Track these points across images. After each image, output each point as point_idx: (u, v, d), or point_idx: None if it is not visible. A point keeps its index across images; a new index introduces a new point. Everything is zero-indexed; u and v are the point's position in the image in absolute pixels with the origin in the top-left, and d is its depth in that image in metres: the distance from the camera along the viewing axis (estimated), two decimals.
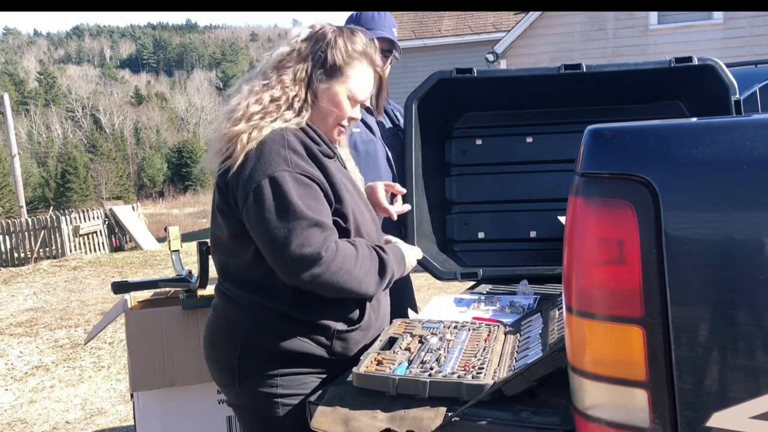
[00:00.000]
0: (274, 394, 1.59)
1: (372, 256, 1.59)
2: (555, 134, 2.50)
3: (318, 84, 1.62)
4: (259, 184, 1.48)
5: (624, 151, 1.10)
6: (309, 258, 1.45)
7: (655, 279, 1.04)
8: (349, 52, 1.63)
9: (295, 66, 1.61)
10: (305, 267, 1.45)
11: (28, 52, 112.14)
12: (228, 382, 1.66)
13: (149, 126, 70.39)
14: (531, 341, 1.57)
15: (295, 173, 1.50)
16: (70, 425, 4.11)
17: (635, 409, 1.07)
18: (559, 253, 1.21)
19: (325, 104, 1.63)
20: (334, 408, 1.40)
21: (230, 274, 1.64)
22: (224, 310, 1.66)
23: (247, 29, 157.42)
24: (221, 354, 1.66)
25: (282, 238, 1.46)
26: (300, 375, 1.60)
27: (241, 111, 1.56)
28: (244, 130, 1.52)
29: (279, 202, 1.47)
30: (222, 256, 1.66)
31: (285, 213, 1.46)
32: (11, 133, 18.26)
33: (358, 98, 1.68)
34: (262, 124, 1.54)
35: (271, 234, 1.47)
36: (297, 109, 1.59)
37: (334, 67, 1.62)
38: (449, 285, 6.31)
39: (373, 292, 1.60)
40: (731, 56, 8.16)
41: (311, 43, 1.63)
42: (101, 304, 7.64)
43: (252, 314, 1.60)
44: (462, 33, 15.93)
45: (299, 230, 1.45)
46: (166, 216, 34.96)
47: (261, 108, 1.55)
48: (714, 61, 2.19)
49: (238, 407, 1.69)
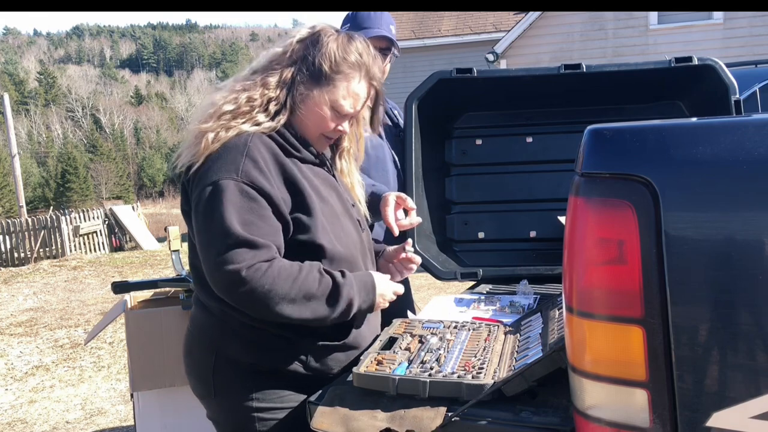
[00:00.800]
0: (250, 408, 1.51)
1: (323, 280, 1.45)
2: (555, 134, 2.51)
3: (299, 88, 1.53)
4: (204, 189, 1.42)
5: (624, 151, 1.09)
6: (229, 277, 1.36)
7: (655, 279, 1.04)
8: (338, 61, 1.53)
9: (283, 68, 1.53)
10: (226, 286, 1.38)
11: (28, 52, 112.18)
12: (203, 394, 1.60)
13: (149, 126, 70.43)
14: (531, 341, 1.57)
15: (242, 183, 1.41)
16: (70, 425, 4.11)
17: (635, 409, 1.07)
18: (559, 253, 1.21)
19: (305, 111, 1.55)
20: (334, 408, 1.39)
21: (200, 279, 1.54)
22: (197, 319, 1.61)
23: (247, 29, 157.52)
24: (196, 365, 1.60)
25: (208, 248, 1.39)
26: (276, 389, 1.52)
27: (214, 108, 1.50)
28: (211, 128, 1.46)
29: (213, 211, 1.40)
30: (193, 259, 1.57)
31: (216, 225, 1.38)
32: (11, 133, 18.26)
33: (344, 111, 1.57)
34: (231, 124, 1.47)
35: (202, 242, 1.41)
36: (272, 113, 1.52)
37: (319, 73, 1.53)
38: (449, 285, 6.31)
39: (324, 318, 1.46)
40: (731, 56, 8.17)
41: (304, 46, 1.55)
42: (101, 304, 7.64)
43: (221, 323, 1.53)
44: (462, 33, 15.93)
45: (225, 247, 1.37)
46: (166, 216, 34.92)
47: (234, 107, 1.49)
48: (714, 61, 2.19)
49: (215, 421, 1.62)
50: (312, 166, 1.59)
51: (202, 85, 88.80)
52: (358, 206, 1.72)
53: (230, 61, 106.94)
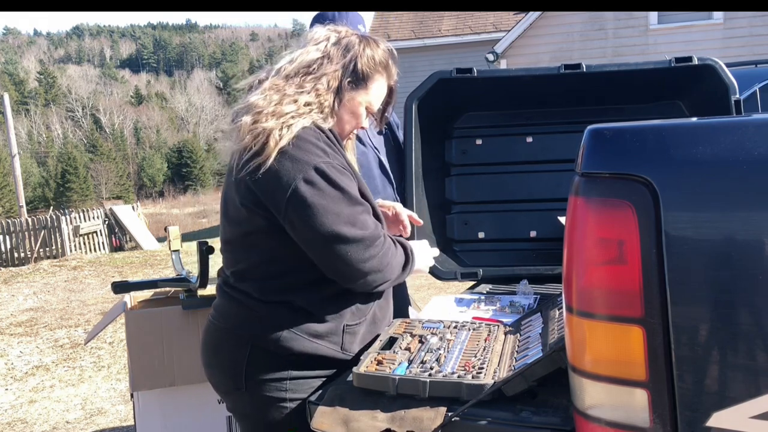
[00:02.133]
0: (281, 399, 1.56)
1: (398, 246, 1.65)
2: (555, 134, 2.51)
3: (345, 93, 1.63)
4: (306, 175, 1.48)
5: (624, 151, 1.10)
6: (368, 239, 1.52)
7: (655, 279, 1.04)
8: (374, 65, 1.65)
9: (329, 73, 1.60)
10: (363, 248, 1.51)
11: (28, 52, 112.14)
12: (231, 388, 1.62)
13: (149, 126, 70.40)
14: (531, 341, 1.57)
15: (336, 164, 1.53)
16: (70, 425, 4.11)
17: (635, 408, 1.07)
18: (559, 253, 1.21)
19: (346, 113, 1.65)
20: (334, 408, 1.40)
21: (245, 274, 1.61)
22: (229, 313, 1.63)
23: (247, 29, 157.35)
24: (226, 359, 1.61)
25: (341, 223, 1.49)
26: (309, 378, 1.58)
27: (272, 108, 1.53)
28: (275, 126, 1.50)
29: (330, 190, 1.50)
30: (234, 254, 1.63)
31: (339, 200, 1.50)
32: (11, 133, 18.26)
33: (374, 109, 1.71)
34: (291, 122, 1.53)
35: (328, 221, 1.49)
36: (325, 115, 1.61)
37: (360, 78, 1.64)
38: (449, 285, 6.31)
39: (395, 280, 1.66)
40: (731, 56, 8.16)
41: (341, 50, 1.62)
42: (101, 304, 7.64)
43: (261, 316, 1.57)
44: (462, 33, 15.93)
45: (355, 215, 1.52)
46: (166, 216, 34.97)
47: (295, 108, 1.54)
48: (714, 61, 2.19)
49: (242, 413, 1.65)
50: None
51: (202, 85, 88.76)
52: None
53: (230, 61, 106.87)
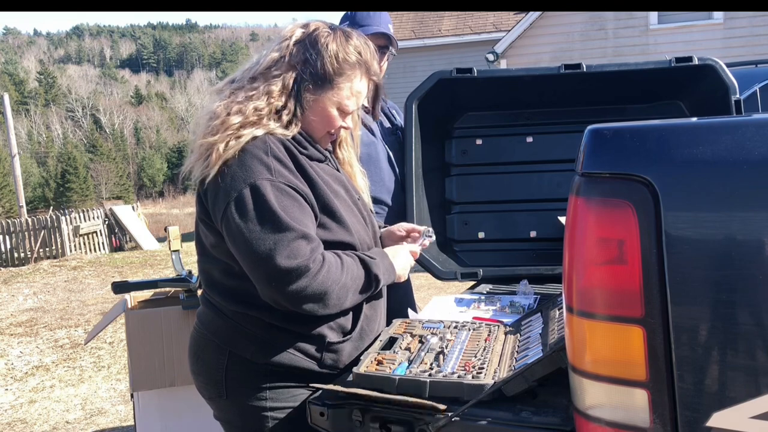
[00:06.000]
0: (262, 407, 1.54)
1: (356, 263, 1.53)
2: (555, 134, 2.51)
3: (306, 95, 1.54)
4: (240, 193, 1.42)
5: (624, 151, 1.09)
6: (297, 270, 1.39)
7: (655, 279, 1.04)
8: (341, 62, 1.55)
9: (284, 74, 1.53)
10: (292, 280, 1.39)
11: (28, 52, 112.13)
12: (214, 395, 1.60)
13: (149, 126, 70.40)
14: (531, 341, 1.57)
15: (279, 183, 1.44)
16: (70, 425, 4.11)
17: (635, 409, 1.07)
18: (559, 253, 1.21)
19: (314, 116, 1.58)
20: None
21: (214, 284, 1.58)
22: (209, 321, 1.61)
23: (247, 29, 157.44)
24: (206, 366, 1.60)
25: (267, 250, 1.39)
26: (290, 388, 1.54)
27: (220, 120, 1.49)
28: (219, 140, 1.46)
29: (262, 212, 1.41)
30: (205, 264, 1.60)
31: (269, 224, 1.40)
32: (11, 133, 18.25)
33: (349, 110, 1.61)
34: (240, 132, 1.47)
35: (254, 246, 1.40)
36: (285, 122, 1.53)
37: (324, 77, 1.54)
38: (449, 285, 6.31)
39: (361, 298, 1.56)
40: (731, 56, 8.16)
41: (302, 48, 1.54)
42: (101, 304, 7.64)
43: (236, 325, 1.54)
44: (462, 33, 15.92)
45: (285, 242, 1.39)
46: (166, 216, 34.95)
47: (242, 119, 1.49)
48: (714, 61, 2.19)
49: (226, 421, 1.63)
50: (318, 163, 1.61)
51: (202, 85, 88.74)
52: (363, 198, 1.76)
53: (230, 61, 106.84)
